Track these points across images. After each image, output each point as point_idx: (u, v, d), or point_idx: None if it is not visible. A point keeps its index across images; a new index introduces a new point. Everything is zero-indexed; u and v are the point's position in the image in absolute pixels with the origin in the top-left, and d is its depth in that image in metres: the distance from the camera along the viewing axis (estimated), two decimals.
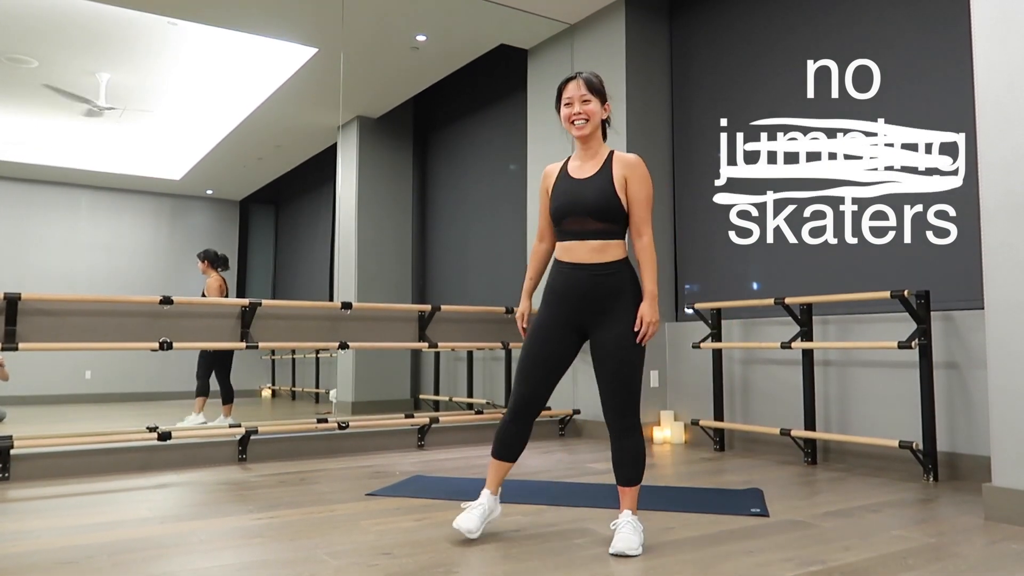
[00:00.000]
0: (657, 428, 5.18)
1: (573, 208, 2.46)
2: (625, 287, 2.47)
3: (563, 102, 2.51)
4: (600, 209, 2.43)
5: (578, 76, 2.50)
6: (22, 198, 8.25)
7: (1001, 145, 2.84)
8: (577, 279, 2.45)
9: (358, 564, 2.22)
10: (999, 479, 2.78)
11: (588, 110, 2.47)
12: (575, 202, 2.46)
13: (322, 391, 7.99)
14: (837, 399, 4.23)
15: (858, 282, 4.26)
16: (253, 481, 3.66)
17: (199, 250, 6.36)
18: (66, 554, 2.33)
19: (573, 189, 2.48)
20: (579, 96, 2.47)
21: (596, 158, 2.51)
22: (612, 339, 2.42)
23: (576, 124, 2.48)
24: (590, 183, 2.46)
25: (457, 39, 6.11)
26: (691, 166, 5.39)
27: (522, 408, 2.50)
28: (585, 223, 2.45)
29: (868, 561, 2.24)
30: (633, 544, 2.32)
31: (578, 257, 2.46)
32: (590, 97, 2.47)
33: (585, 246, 2.45)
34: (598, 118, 2.50)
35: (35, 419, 6.46)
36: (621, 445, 2.46)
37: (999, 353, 2.80)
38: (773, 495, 3.27)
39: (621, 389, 2.42)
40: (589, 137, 2.50)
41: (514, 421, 2.51)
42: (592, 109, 2.47)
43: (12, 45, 6.14)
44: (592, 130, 2.49)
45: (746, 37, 5.04)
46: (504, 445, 2.51)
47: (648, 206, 2.49)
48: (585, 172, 2.50)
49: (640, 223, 2.49)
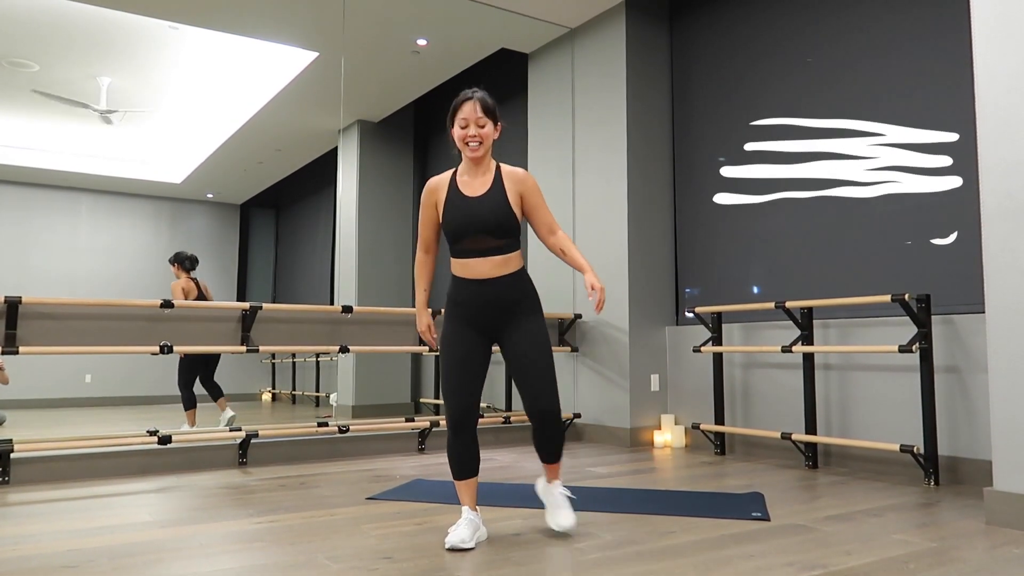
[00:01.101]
0: (658, 432, 5.18)
1: (471, 227, 2.51)
2: (528, 291, 2.60)
3: (458, 123, 2.52)
4: (499, 227, 2.51)
5: (474, 96, 2.52)
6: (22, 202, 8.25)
7: (1001, 147, 2.84)
8: (484, 293, 2.54)
9: (358, 568, 2.22)
10: (1000, 483, 2.78)
11: (483, 133, 2.52)
12: (472, 222, 2.51)
13: (322, 395, 7.98)
14: (838, 403, 4.23)
15: (859, 286, 4.26)
16: (253, 485, 3.65)
17: (200, 253, 6.38)
18: (66, 558, 2.33)
19: (468, 209, 2.53)
20: (475, 119, 2.50)
21: (486, 175, 2.57)
22: (527, 338, 2.54)
23: (471, 146, 2.51)
24: (484, 202, 2.52)
25: (458, 43, 6.12)
26: (691, 169, 5.39)
27: (463, 420, 2.51)
28: (485, 241, 2.52)
29: (869, 565, 2.24)
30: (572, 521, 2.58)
31: (481, 273, 2.53)
32: (485, 121, 2.51)
33: (488, 262, 2.53)
34: (491, 140, 2.55)
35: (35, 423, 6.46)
36: (554, 431, 2.59)
37: (1000, 357, 2.80)
38: (774, 499, 3.26)
39: (546, 380, 2.54)
40: (482, 159, 2.56)
41: (458, 436, 2.52)
42: (487, 132, 2.52)
43: (13, 49, 6.15)
44: (485, 152, 2.54)
45: (746, 39, 5.05)
46: (461, 465, 2.53)
47: (548, 209, 2.65)
48: (477, 190, 2.55)
49: (551, 224, 2.65)
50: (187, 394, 6.02)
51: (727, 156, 5.13)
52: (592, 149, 5.62)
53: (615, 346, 5.31)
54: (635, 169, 5.35)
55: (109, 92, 6.94)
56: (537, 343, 2.54)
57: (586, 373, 5.54)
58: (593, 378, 5.48)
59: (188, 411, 5.88)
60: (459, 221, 2.52)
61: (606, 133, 5.50)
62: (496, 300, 2.53)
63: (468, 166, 2.58)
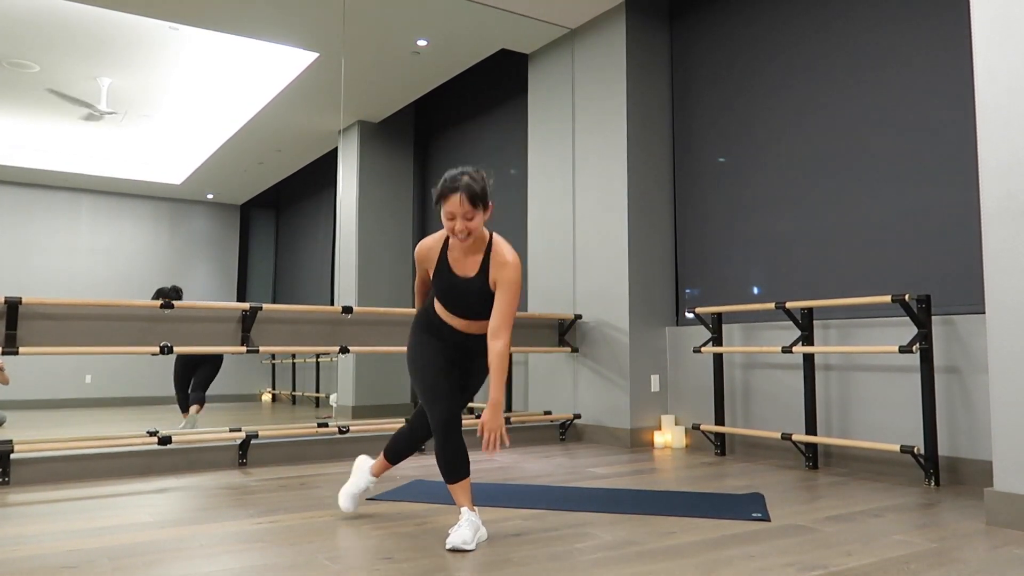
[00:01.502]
0: (658, 432, 5.18)
1: (457, 303, 2.61)
2: None
3: (445, 215, 2.44)
4: (484, 307, 2.59)
5: (459, 188, 2.40)
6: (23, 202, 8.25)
7: (1001, 148, 2.84)
8: (456, 337, 2.68)
9: (359, 568, 2.22)
10: (1001, 484, 2.78)
11: (471, 225, 2.44)
12: (459, 299, 2.60)
13: (323, 395, 7.98)
14: (838, 403, 4.22)
15: (859, 286, 4.26)
16: (254, 485, 3.65)
17: (200, 254, 6.37)
18: (67, 558, 2.33)
19: (456, 287, 2.59)
20: (462, 212, 2.41)
21: (477, 254, 2.56)
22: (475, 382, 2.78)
23: (460, 237, 2.46)
24: (471, 285, 2.57)
25: (458, 44, 6.13)
26: (691, 169, 5.39)
27: (452, 423, 2.52)
28: (467, 313, 2.63)
29: (870, 566, 2.24)
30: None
31: (462, 327, 2.66)
32: (473, 213, 2.42)
33: (469, 324, 2.65)
34: (480, 227, 2.48)
35: (35, 423, 6.45)
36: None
37: (1000, 357, 2.80)
38: (774, 499, 3.26)
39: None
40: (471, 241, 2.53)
41: (449, 439, 2.51)
42: (475, 224, 2.45)
43: (14, 50, 6.15)
44: (474, 239, 2.51)
45: (746, 40, 5.05)
46: (453, 467, 2.52)
47: (510, 311, 2.49)
48: (466, 270, 2.57)
49: (498, 327, 2.48)
50: (182, 396, 6.02)
51: (727, 156, 5.13)
52: (592, 149, 5.62)
53: (615, 346, 5.31)
54: (635, 169, 5.35)
55: (109, 93, 6.95)
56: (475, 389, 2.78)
57: (586, 374, 5.54)
58: (593, 379, 5.48)
59: (184, 412, 5.88)
60: (447, 294, 2.61)
61: (606, 133, 5.50)
62: (467, 348, 2.70)
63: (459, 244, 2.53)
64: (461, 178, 2.43)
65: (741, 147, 5.03)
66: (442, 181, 2.46)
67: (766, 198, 4.83)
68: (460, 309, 2.61)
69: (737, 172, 5.04)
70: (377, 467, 2.89)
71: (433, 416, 2.53)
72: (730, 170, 5.09)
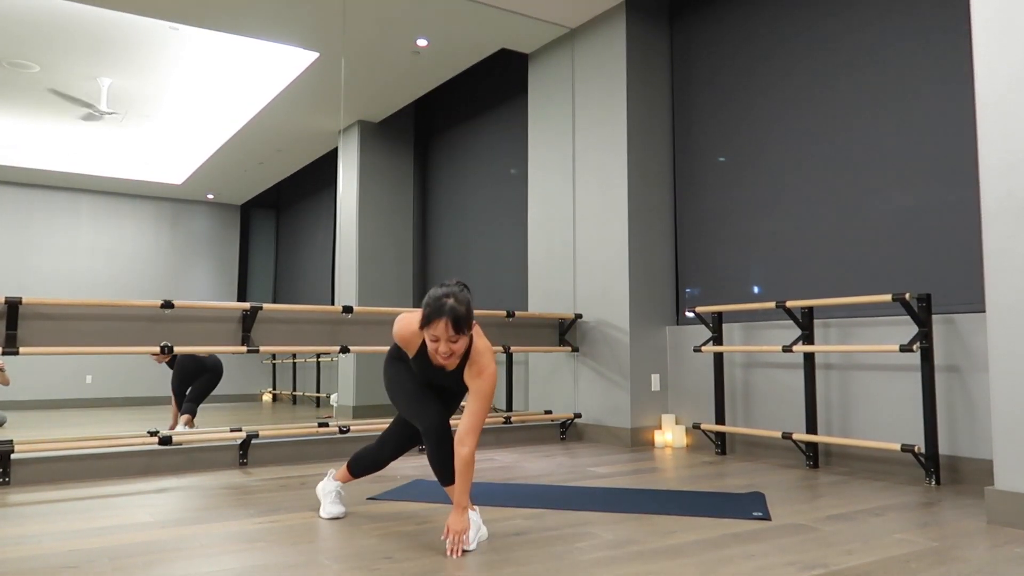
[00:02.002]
0: (658, 432, 5.18)
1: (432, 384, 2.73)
2: None
3: (429, 337, 2.44)
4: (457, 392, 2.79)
5: (445, 314, 2.38)
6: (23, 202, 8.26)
7: (1002, 147, 2.84)
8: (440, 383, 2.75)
9: (359, 568, 2.22)
10: (1001, 482, 2.78)
11: (455, 348, 2.45)
12: (433, 383, 2.72)
13: (323, 395, 7.99)
14: (839, 402, 4.22)
15: (859, 285, 4.26)
16: (254, 485, 3.65)
17: (201, 254, 6.36)
18: (67, 558, 2.33)
19: (434, 376, 2.67)
20: (447, 337, 2.41)
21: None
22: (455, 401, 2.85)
23: (444, 358, 2.46)
24: (448, 378, 2.67)
25: (458, 43, 6.12)
26: (692, 169, 5.39)
27: (439, 428, 2.55)
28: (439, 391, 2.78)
29: (870, 565, 2.24)
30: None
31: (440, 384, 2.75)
32: (457, 338, 2.43)
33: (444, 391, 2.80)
34: (464, 347, 2.48)
35: (36, 423, 6.46)
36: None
37: (1001, 356, 2.80)
38: (775, 499, 3.26)
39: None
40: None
41: (444, 443, 2.54)
42: (459, 348, 2.46)
43: (14, 50, 6.15)
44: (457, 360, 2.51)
45: (746, 39, 5.05)
46: (449, 470, 2.54)
47: (479, 420, 2.47)
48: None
49: (466, 433, 2.44)
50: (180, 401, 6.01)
51: (727, 155, 5.13)
52: (592, 149, 5.62)
53: (615, 346, 5.31)
54: (635, 169, 5.35)
55: (110, 93, 6.95)
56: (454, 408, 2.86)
57: (586, 373, 5.54)
58: (594, 378, 5.48)
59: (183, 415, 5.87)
60: (426, 378, 2.70)
61: (606, 133, 5.50)
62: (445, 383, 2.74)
63: None
64: (446, 302, 2.39)
65: (741, 146, 5.03)
66: (426, 305, 2.43)
67: (766, 197, 4.83)
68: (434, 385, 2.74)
69: (737, 171, 5.04)
70: (341, 474, 2.99)
71: (422, 424, 2.55)
72: (730, 169, 5.09)
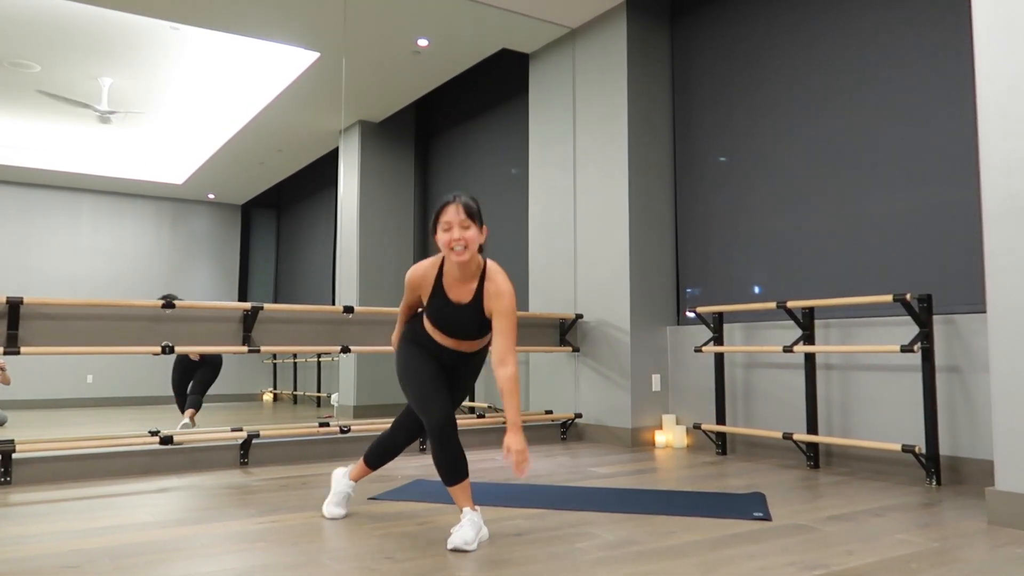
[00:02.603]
0: (659, 432, 5.18)
1: (450, 330, 2.63)
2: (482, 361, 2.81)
3: (441, 226, 2.49)
4: (478, 331, 2.64)
5: (456, 200, 2.50)
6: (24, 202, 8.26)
7: (1003, 148, 2.84)
8: (448, 355, 2.70)
9: (360, 568, 2.22)
10: (1002, 483, 2.78)
11: (468, 236, 2.47)
12: (453, 325, 2.62)
13: (324, 395, 7.99)
14: (839, 403, 4.22)
15: (860, 285, 4.26)
16: (255, 485, 3.66)
17: (202, 254, 6.36)
18: (68, 558, 2.33)
19: (450, 313, 2.60)
20: (459, 221, 2.46)
21: (472, 281, 2.58)
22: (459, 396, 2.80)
23: (456, 250, 2.48)
24: (466, 312, 2.59)
25: (459, 43, 6.12)
26: (692, 169, 5.39)
27: (444, 427, 2.52)
28: (458, 335, 2.65)
29: (871, 565, 2.24)
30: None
31: (455, 346, 2.68)
32: (469, 223, 2.47)
33: (460, 344, 2.68)
34: (476, 244, 2.51)
35: (37, 423, 6.46)
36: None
37: (1002, 356, 2.80)
38: (775, 499, 3.26)
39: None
40: (468, 263, 2.54)
41: (450, 440, 2.51)
42: (471, 236, 2.48)
43: (14, 50, 6.16)
44: (471, 256, 2.51)
45: (747, 39, 5.05)
46: (452, 470, 2.51)
47: (511, 335, 2.52)
48: (461, 296, 2.59)
49: (503, 353, 2.50)
50: (180, 398, 6.02)
51: (728, 155, 5.13)
52: (593, 149, 5.62)
53: (616, 346, 5.31)
54: (636, 169, 5.35)
55: (110, 93, 6.95)
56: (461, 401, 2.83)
57: (587, 373, 5.54)
58: (594, 378, 5.48)
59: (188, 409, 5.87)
60: (441, 321, 2.62)
61: (607, 133, 5.50)
62: (459, 365, 2.73)
63: (454, 266, 2.56)
64: (459, 195, 2.53)
65: (742, 146, 5.03)
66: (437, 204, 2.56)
67: (767, 197, 4.83)
68: (452, 332, 2.64)
69: (738, 171, 5.04)
70: (356, 472, 2.93)
71: (428, 420, 2.53)
72: (731, 169, 5.09)
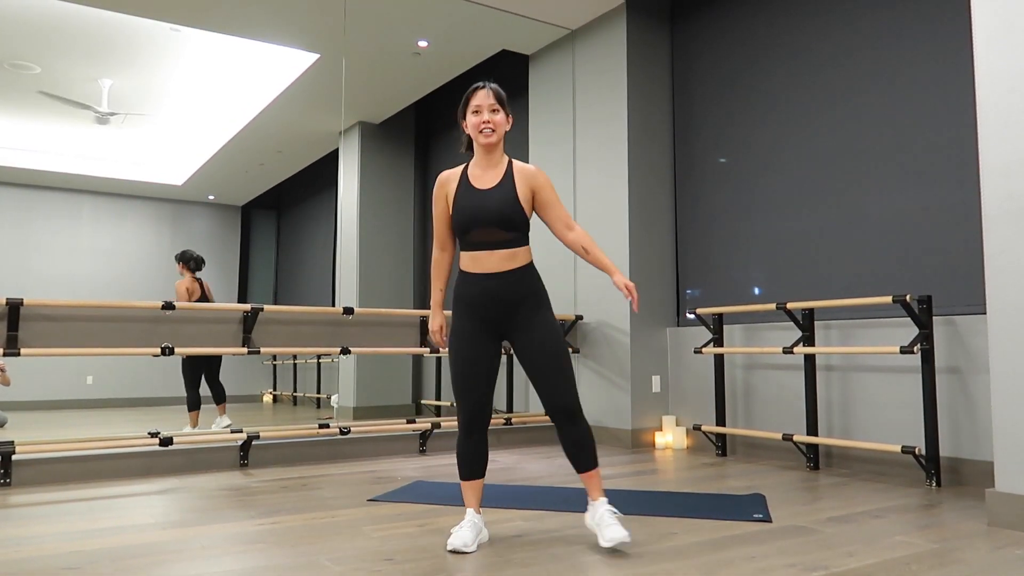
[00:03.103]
0: (659, 433, 5.17)
1: (479, 219, 2.49)
2: (536, 287, 2.54)
3: (471, 110, 2.55)
4: (507, 219, 2.48)
5: (487, 85, 2.56)
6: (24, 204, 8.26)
7: (1002, 149, 2.84)
8: (490, 288, 2.50)
9: (360, 570, 2.22)
10: (1002, 484, 2.78)
11: (496, 120, 2.53)
12: (481, 213, 2.49)
13: (324, 396, 7.98)
14: (839, 404, 4.22)
15: (860, 287, 4.26)
16: (255, 486, 3.65)
17: (201, 255, 6.37)
18: (68, 560, 2.33)
19: (477, 200, 2.51)
20: (488, 105, 2.53)
21: (497, 167, 2.57)
22: (538, 336, 2.47)
23: (484, 132, 2.53)
24: (494, 194, 2.51)
25: (459, 45, 6.13)
26: (692, 170, 5.39)
27: (474, 420, 2.50)
28: (493, 234, 2.49)
29: (871, 567, 2.24)
30: (623, 531, 2.35)
31: (488, 267, 2.50)
32: (498, 107, 2.54)
33: (495, 256, 2.49)
34: (503, 129, 2.56)
35: (37, 425, 6.46)
36: (576, 432, 2.47)
37: (1002, 358, 2.80)
38: (775, 500, 3.26)
39: (562, 379, 2.45)
40: (494, 146, 2.55)
41: (470, 437, 2.50)
42: (499, 120, 2.55)
43: (15, 51, 6.16)
44: (498, 140, 2.55)
45: (747, 40, 5.05)
46: (468, 465, 2.51)
47: (562, 205, 2.62)
48: (487, 182, 2.55)
49: (566, 219, 2.59)
50: (193, 394, 5.98)
51: (728, 156, 5.13)
52: (593, 150, 5.62)
53: (616, 347, 5.30)
54: (636, 170, 5.35)
55: (110, 94, 6.95)
56: (548, 339, 2.47)
57: (587, 374, 5.54)
58: (594, 379, 5.48)
59: (192, 412, 5.86)
60: (468, 212, 2.50)
61: (607, 134, 5.50)
62: (503, 296, 2.48)
63: (480, 159, 2.58)
64: (488, 82, 2.58)
65: (742, 147, 5.03)
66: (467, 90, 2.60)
67: (767, 198, 4.83)
68: (483, 231, 2.48)
69: (738, 172, 5.04)
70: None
71: (460, 409, 2.52)
72: (731, 170, 5.09)
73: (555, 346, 2.47)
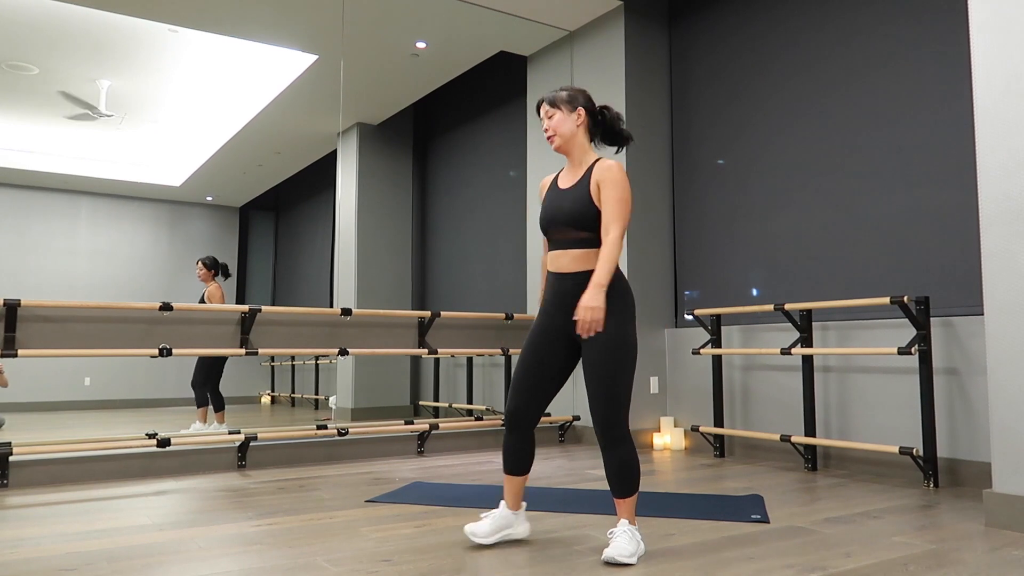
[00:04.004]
0: (657, 434, 5.18)
1: (554, 218, 2.49)
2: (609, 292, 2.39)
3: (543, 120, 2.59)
4: (576, 218, 2.43)
5: (543, 98, 2.58)
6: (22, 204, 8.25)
7: (999, 150, 2.84)
8: (563, 288, 2.46)
9: (358, 571, 2.22)
10: (1000, 485, 2.78)
11: (554, 125, 2.52)
12: (556, 212, 2.49)
13: (322, 397, 7.98)
14: (837, 405, 4.23)
15: (858, 288, 4.26)
16: (252, 488, 3.65)
17: (200, 256, 6.33)
18: (65, 561, 2.33)
19: (556, 199, 2.53)
20: (545, 113, 2.56)
21: (581, 167, 2.55)
22: (595, 348, 2.36)
23: (549, 139, 2.56)
24: (570, 193, 2.50)
25: (457, 46, 6.13)
26: (690, 171, 5.40)
27: (515, 419, 2.50)
28: (567, 233, 2.47)
29: (869, 567, 2.24)
30: (626, 551, 2.26)
31: (563, 267, 2.48)
32: (553, 111, 2.53)
33: (568, 255, 2.47)
34: (567, 128, 2.52)
35: (34, 426, 6.45)
36: (609, 457, 2.37)
37: (999, 358, 2.80)
38: (773, 501, 3.26)
39: (603, 398, 2.34)
40: (568, 149, 2.55)
41: (511, 433, 2.52)
42: (556, 121, 2.52)
43: (13, 52, 6.15)
44: (565, 142, 2.53)
45: (745, 42, 5.06)
46: (508, 458, 2.52)
47: (619, 208, 2.39)
48: (568, 182, 2.55)
49: (609, 221, 2.39)
50: (200, 393, 5.93)
51: (726, 158, 5.13)
52: None
53: None
54: (634, 171, 5.35)
55: (109, 95, 6.95)
56: (601, 361, 2.34)
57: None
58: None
59: (201, 408, 5.82)
60: (547, 211, 2.53)
61: None
62: (575, 298, 2.42)
63: (568, 161, 2.60)
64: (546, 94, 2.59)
65: (740, 149, 5.03)
66: None
67: (765, 199, 4.84)
68: (559, 230, 2.47)
69: (736, 174, 5.05)
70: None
71: (508, 404, 2.52)
72: (729, 172, 5.10)
73: (605, 369, 2.34)
